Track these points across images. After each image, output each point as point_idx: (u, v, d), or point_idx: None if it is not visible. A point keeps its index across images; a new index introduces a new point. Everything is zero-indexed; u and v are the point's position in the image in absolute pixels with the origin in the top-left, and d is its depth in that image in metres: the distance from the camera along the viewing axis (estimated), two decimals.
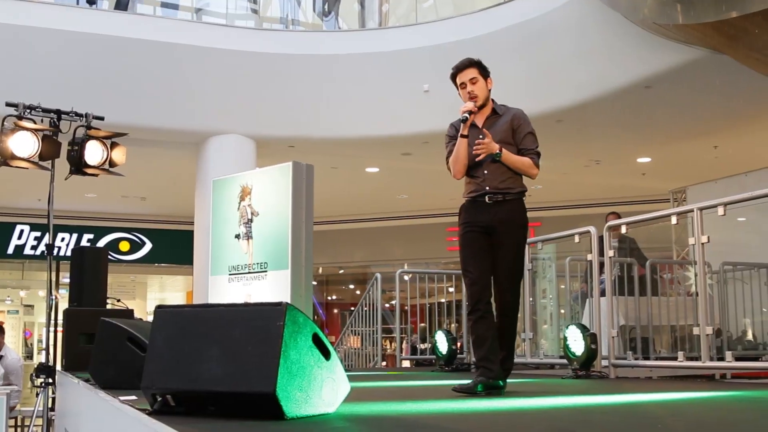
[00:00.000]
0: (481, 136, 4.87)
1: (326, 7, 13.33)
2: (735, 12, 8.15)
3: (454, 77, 5.15)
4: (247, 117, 12.09)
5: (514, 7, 11.68)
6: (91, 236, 18.39)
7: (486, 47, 11.32)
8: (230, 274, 8.79)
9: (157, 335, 3.19)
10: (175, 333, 3.14)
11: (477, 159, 4.90)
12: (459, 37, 11.69)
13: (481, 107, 5.03)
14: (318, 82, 12.05)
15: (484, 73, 5.07)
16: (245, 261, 8.59)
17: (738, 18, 8.17)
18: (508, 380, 4.96)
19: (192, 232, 12.79)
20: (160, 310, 3.26)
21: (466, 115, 4.92)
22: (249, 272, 8.58)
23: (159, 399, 3.11)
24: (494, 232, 4.86)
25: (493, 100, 5.13)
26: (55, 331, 7.60)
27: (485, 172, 4.92)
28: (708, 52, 9.52)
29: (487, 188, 4.90)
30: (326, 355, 3.12)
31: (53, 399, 7.17)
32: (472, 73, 5.03)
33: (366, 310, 12.26)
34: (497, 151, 4.84)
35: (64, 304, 8.59)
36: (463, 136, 4.95)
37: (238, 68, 11.82)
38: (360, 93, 12.08)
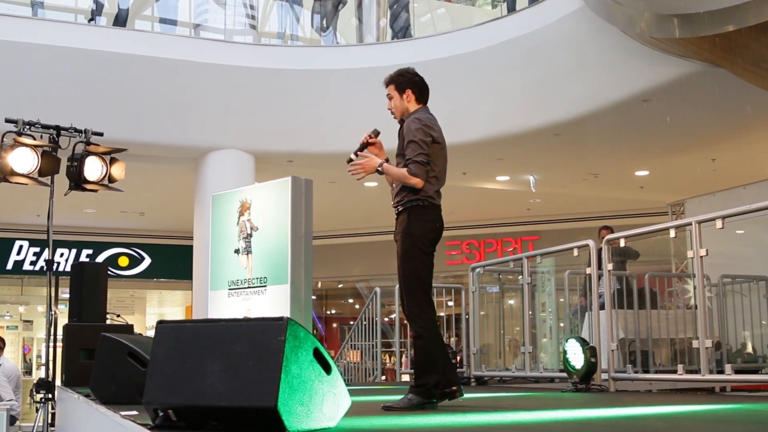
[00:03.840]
0: (353, 157, 5.05)
1: (324, 22, 13.37)
2: (732, 26, 8.19)
3: None
4: (245, 132, 12.12)
5: (511, 21, 11.72)
6: (90, 251, 18.39)
7: (483, 62, 11.39)
8: (230, 289, 8.81)
9: (158, 350, 3.21)
10: (176, 348, 3.16)
11: (357, 179, 5.16)
12: (456, 52, 11.73)
13: (401, 121, 5.09)
14: (316, 97, 12.07)
15: (401, 87, 5.08)
16: (245, 276, 8.61)
17: (735, 32, 8.22)
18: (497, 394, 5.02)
19: (191, 247, 12.80)
20: (161, 325, 3.28)
21: (352, 155, 5.09)
22: (248, 287, 8.60)
23: (160, 414, 3.12)
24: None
25: (420, 108, 5.09)
26: (55, 347, 7.60)
27: (393, 186, 5.03)
28: (705, 66, 9.56)
29: (392, 202, 5.03)
30: (327, 369, 3.13)
31: (53, 414, 7.17)
32: (388, 90, 5.13)
33: (365, 324, 12.26)
34: (378, 168, 4.91)
35: (63, 320, 8.60)
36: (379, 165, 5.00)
37: (236, 83, 11.85)
38: (358, 108, 12.09)
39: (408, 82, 5.08)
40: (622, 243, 7.11)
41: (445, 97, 11.42)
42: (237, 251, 8.77)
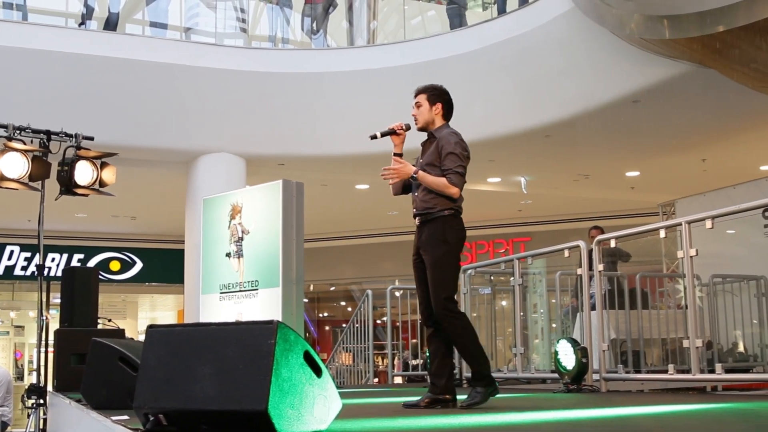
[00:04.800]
0: (378, 135, 5.24)
1: (314, 25, 13.38)
2: (722, 26, 8.22)
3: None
4: (236, 135, 12.11)
5: (502, 23, 11.74)
6: (81, 256, 18.36)
7: (474, 63, 11.40)
8: (221, 293, 8.80)
9: (149, 355, 3.20)
10: (166, 352, 3.15)
11: (389, 183, 5.31)
12: (447, 54, 11.74)
13: (422, 129, 5.27)
14: (307, 100, 12.07)
15: (433, 99, 5.26)
16: (236, 279, 8.60)
17: (724, 32, 8.24)
18: (498, 395, 5.09)
19: (183, 251, 12.79)
20: (151, 329, 3.27)
21: (377, 133, 5.24)
22: (240, 290, 8.58)
23: (151, 418, 3.11)
24: (422, 253, 5.09)
25: (446, 123, 5.26)
26: (46, 352, 7.59)
27: (415, 194, 5.18)
28: (695, 67, 9.59)
29: (414, 210, 5.17)
30: (317, 372, 3.13)
31: (45, 420, 7.15)
32: (419, 98, 5.30)
33: (357, 327, 12.25)
34: (413, 174, 5.07)
35: (54, 325, 8.57)
36: (394, 154, 5.26)
37: (227, 87, 11.85)
38: (349, 110, 12.11)
39: (440, 96, 5.29)
40: (612, 243, 7.13)
41: None
42: (228, 255, 8.75)
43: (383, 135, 5.26)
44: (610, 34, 9.99)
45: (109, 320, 9.07)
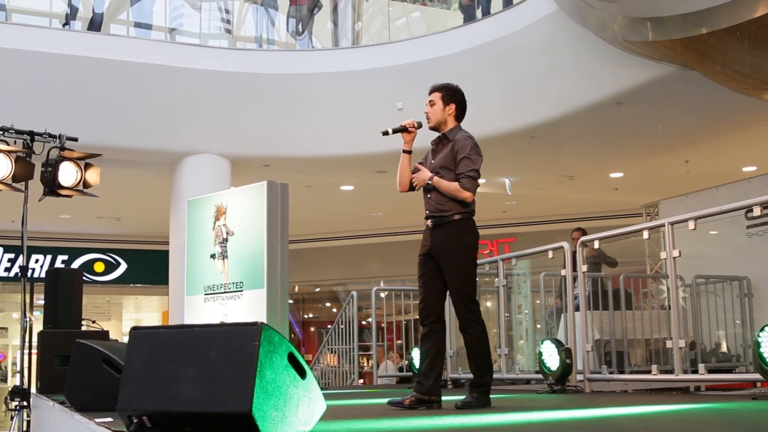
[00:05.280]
0: (390, 132, 5.29)
1: (299, 26, 13.37)
2: (704, 28, 8.27)
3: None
4: (221, 136, 12.09)
5: (486, 25, 11.77)
6: (65, 257, 18.28)
7: (458, 65, 11.42)
8: (206, 294, 8.80)
9: (132, 357, 3.19)
10: (150, 354, 3.14)
11: (416, 188, 5.29)
12: (432, 56, 11.77)
13: (434, 129, 5.31)
14: (292, 101, 12.06)
15: (447, 99, 5.30)
16: (221, 281, 8.60)
17: (707, 35, 8.29)
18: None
19: (167, 252, 12.75)
20: (135, 331, 3.26)
21: (389, 129, 5.29)
22: (225, 292, 8.59)
23: (135, 421, 3.10)
24: (436, 256, 5.12)
25: (458, 125, 5.31)
26: (30, 354, 7.57)
27: (429, 196, 5.23)
28: (678, 69, 9.64)
29: (428, 212, 5.22)
30: (302, 374, 3.13)
31: (28, 422, 7.12)
32: (434, 96, 5.33)
33: (342, 328, 12.24)
34: (428, 181, 5.13)
35: (38, 326, 8.53)
36: (404, 151, 5.31)
37: (211, 88, 11.82)
38: (334, 111, 12.11)
39: (455, 97, 5.33)
40: (596, 245, 7.16)
41: (420, 101, 11.41)
42: (213, 256, 8.76)
43: (395, 132, 5.27)
44: (593, 35, 10.03)
45: (93, 322, 9.03)
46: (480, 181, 5.22)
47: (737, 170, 13.28)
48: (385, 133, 5.28)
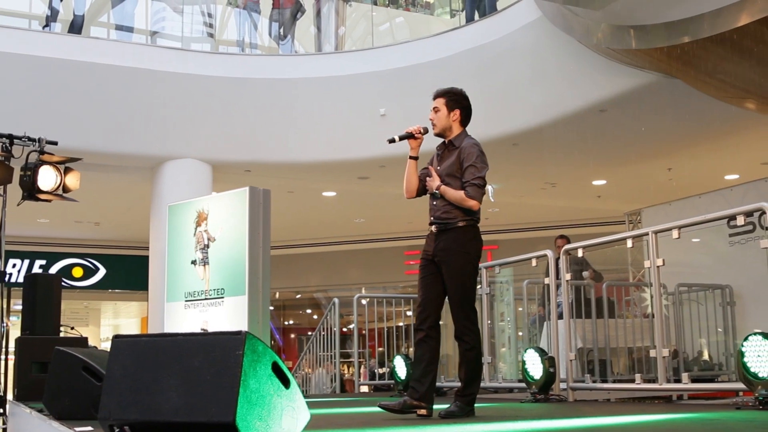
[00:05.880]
0: (396, 139, 5.25)
1: (282, 31, 13.34)
2: (687, 37, 8.33)
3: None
4: (203, 141, 12.05)
5: (470, 31, 11.80)
6: (43, 262, 18.15)
7: (442, 71, 11.43)
8: (186, 301, 8.76)
9: (114, 365, 3.17)
10: (132, 363, 3.13)
11: (429, 191, 5.27)
12: (415, 62, 11.79)
13: (439, 135, 5.30)
14: (274, 107, 12.04)
15: (451, 104, 5.26)
16: (202, 287, 8.56)
17: (690, 43, 8.35)
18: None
19: (147, 257, 12.69)
20: (117, 339, 3.24)
21: (396, 137, 5.23)
22: (206, 298, 8.55)
23: (117, 430, 3.08)
24: (439, 261, 5.12)
25: (464, 131, 5.31)
26: (6, 360, 7.48)
27: (434, 203, 5.23)
28: (661, 77, 9.69)
29: (432, 218, 5.22)
30: (286, 383, 3.12)
31: (4, 430, 7.05)
32: (438, 102, 5.29)
33: (323, 335, 12.20)
34: (435, 189, 5.16)
35: (15, 332, 8.46)
36: (411, 157, 5.28)
37: (193, 92, 11.78)
38: (316, 117, 12.10)
39: (459, 102, 5.30)
40: (580, 253, 7.17)
41: (403, 106, 11.48)
42: (194, 262, 8.72)
43: (401, 139, 5.25)
44: (577, 43, 10.07)
45: (72, 328, 8.97)
46: None
47: (719, 178, 13.37)
48: (392, 141, 5.24)
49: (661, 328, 6.30)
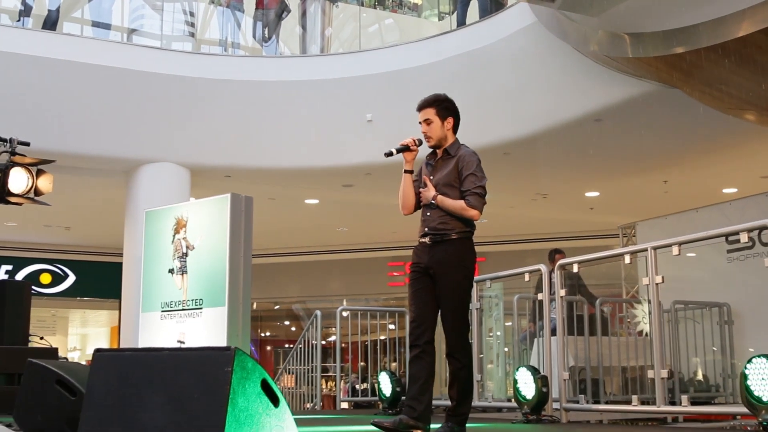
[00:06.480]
0: (393, 152, 5.22)
1: (266, 31, 13.32)
2: (685, 47, 8.37)
3: (418, 112, 5.35)
4: (181, 145, 12.00)
5: (462, 35, 11.81)
6: (9, 267, 18.02)
7: (431, 76, 11.45)
8: (163, 311, 8.72)
9: (95, 381, 3.15)
10: (115, 378, 3.10)
11: (421, 204, 5.25)
12: (404, 66, 11.79)
13: (435, 147, 5.26)
14: (257, 110, 12.02)
15: (443, 113, 5.23)
16: (179, 297, 8.52)
17: (690, 52, 8.39)
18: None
19: (120, 264, 12.61)
20: (99, 353, 3.22)
21: (393, 150, 5.20)
22: (183, 309, 8.51)
23: None
24: (434, 274, 5.07)
25: (456, 139, 5.29)
26: None
27: (428, 213, 5.19)
28: (659, 86, 9.74)
29: (426, 229, 5.16)
30: (275, 401, 3.10)
31: None
32: (428, 113, 5.24)
33: (301, 348, 12.15)
34: (431, 200, 5.12)
35: None
36: (405, 171, 5.26)
37: (172, 93, 11.74)
38: (300, 121, 12.08)
39: (450, 109, 5.28)
40: (575, 268, 7.18)
41: (391, 112, 11.48)
42: (171, 271, 8.68)
43: (398, 152, 5.21)
44: (573, 50, 10.11)
45: (41, 338, 8.91)
46: None
47: (717, 192, 13.44)
48: (389, 154, 5.21)
49: (660, 348, 6.31)
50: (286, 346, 27.77)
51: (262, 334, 27.05)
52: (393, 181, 5.77)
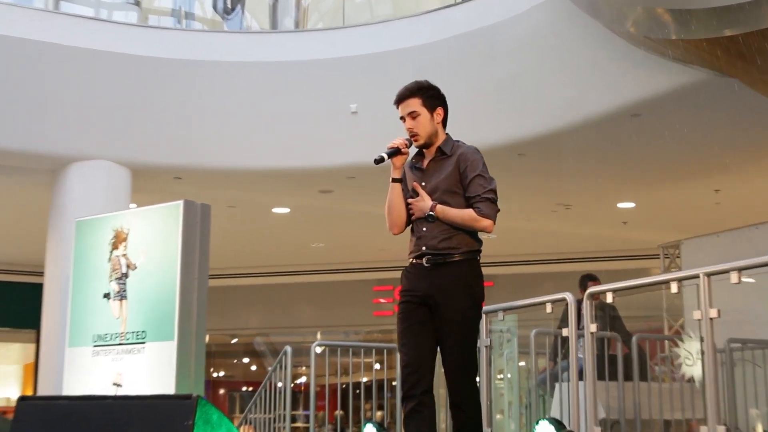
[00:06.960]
0: (413, 193, 5.09)
1: (229, 2, 13.32)
2: (738, 29, 8.36)
3: (396, 107, 5.26)
4: (120, 138, 11.97)
5: (469, 9, 11.82)
6: None
7: (430, 59, 11.46)
8: (95, 346, 8.67)
9: None
10: None
11: (413, 218, 5.11)
12: (398, 45, 11.81)
13: (425, 146, 5.18)
14: (215, 97, 12.01)
15: (431, 102, 5.16)
16: (116, 329, 8.48)
17: (749, 34, 8.39)
18: None
19: (39, 285, 12.52)
20: (24, 402, 3.18)
21: (383, 155, 5.04)
22: (120, 344, 8.47)
23: None
24: (435, 304, 4.96)
25: (448, 134, 5.23)
26: None
27: (423, 229, 5.05)
28: (712, 75, 9.74)
29: (424, 248, 5.03)
30: None
31: None
32: (413, 105, 5.14)
33: (265, 392, 12.12)
34: (429, 211, 4.99)
35: None
36: (394, 180, 5.13)
37: (110, 75, 11.70)
38: (269, 112, 12.06)
39: (438, 97, 5.20)
40: (609, 298, 7.15)
41: (381, 102, 11.39)
42: (107, 296, 8.64)
43: (390, 156, 5.06)
44: (605, 30, 10.11)
45: None
46: None
47: None
48: (380, 161, 5.02)
49: (715, 397, 6.29)
50: (244, 389, 27.72)
51: (215, 374, 26.99)
52: (381, 187, 5.70)
